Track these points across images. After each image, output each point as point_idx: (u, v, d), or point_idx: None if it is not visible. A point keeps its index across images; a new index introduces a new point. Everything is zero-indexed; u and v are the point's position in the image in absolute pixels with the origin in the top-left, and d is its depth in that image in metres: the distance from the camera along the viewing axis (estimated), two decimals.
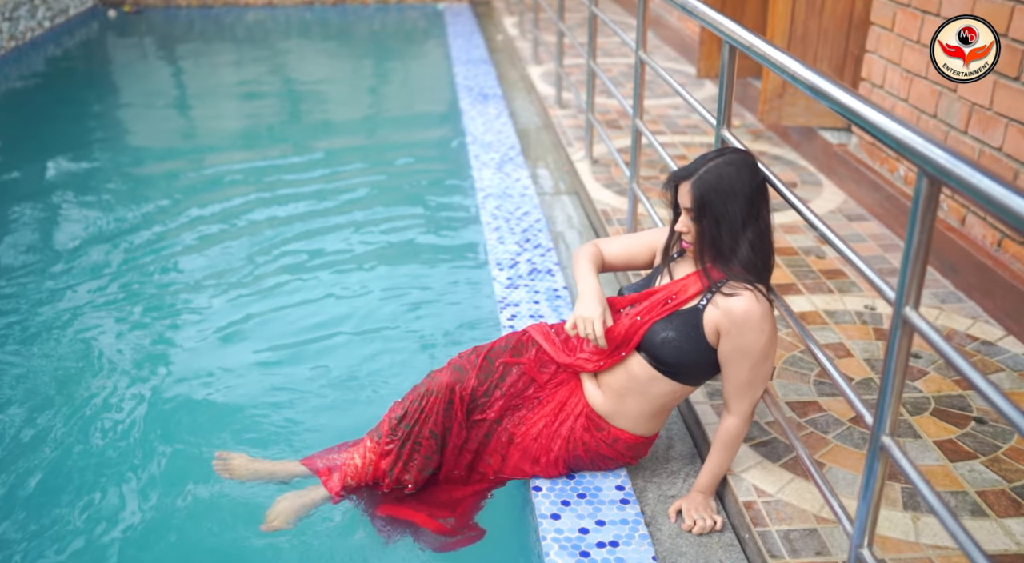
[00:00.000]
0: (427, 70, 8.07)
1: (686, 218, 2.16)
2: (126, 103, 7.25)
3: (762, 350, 2.16)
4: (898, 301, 1.56)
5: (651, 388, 2.26)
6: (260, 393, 3.08)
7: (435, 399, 2.29)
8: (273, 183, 5.19)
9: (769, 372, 2.23)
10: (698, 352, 2.18)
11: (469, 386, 2.31)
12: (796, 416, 2.63)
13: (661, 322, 2.21)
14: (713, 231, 2.12)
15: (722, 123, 2.50)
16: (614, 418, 2.33)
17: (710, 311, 2.15)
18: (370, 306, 3.68)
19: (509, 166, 4.82)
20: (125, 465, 2.73)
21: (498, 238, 3.93)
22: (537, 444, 2.35)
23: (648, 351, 2.23)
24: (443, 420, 2.30)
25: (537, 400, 2.36)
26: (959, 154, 1.39)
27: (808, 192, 4.25)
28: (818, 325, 3.10)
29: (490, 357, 2.37)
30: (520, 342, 2.42)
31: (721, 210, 2.10)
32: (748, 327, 2.12)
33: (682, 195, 2.16)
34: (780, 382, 2.79)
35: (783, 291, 3.32)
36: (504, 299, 3.39)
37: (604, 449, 2.35)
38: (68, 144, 5.96)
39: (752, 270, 2.16)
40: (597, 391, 2.34)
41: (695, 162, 2.18)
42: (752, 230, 2.16)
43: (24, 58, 7.94)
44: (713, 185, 2.10)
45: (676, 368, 2.21)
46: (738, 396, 2.21)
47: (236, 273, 4.02)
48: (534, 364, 2.37)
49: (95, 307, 3.72)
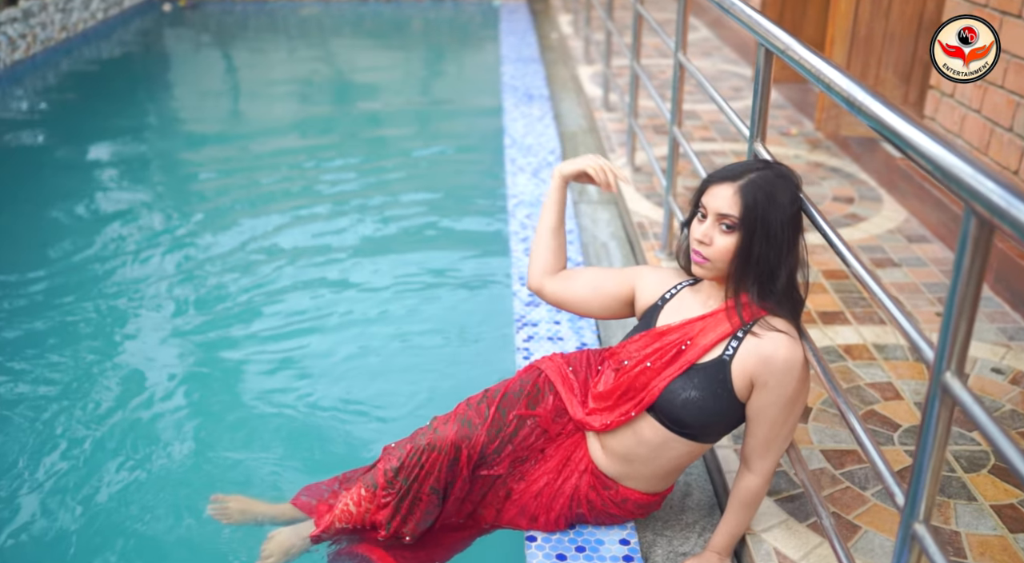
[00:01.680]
0: (475, 68, 7.88)
1: (715, 226, 1.84)
2: (178, 97, 7.24)
3: (796, 400, 1.88)
4: (937, 364, 1.28)
5: (664, 452, 1.99)
6: (258, 419, 2.90)
7: (438, 456, 1.98)
8: (308, 183, 5.07)
9: (796, 424, 1.94)
10: (726, 411, 1.91)
11: (479, 444, 2.01)
12: (832, 467, 2.33)
13: (680, 380, 1.91)
14: (761, 249, 1.81)
15: (755, 136, 2.22)
16: (622, 479, 2.08)
17: (741, 360, 1.86)
18: (375, 319, 3.49)
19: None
20: (113, 496, 2.57)
21: (525, 250, 3.68)
22: (537, 502, 2.09)
23: (665, 413, 1.94)
24: (446, 476, 2.01)
25: (541, 453, 2.10)
26: (1018, 190, 1.11)
27: (866, 209, 3.91)
28: (865, 361, 2.78)
29: (503, 407, 2.06)
30: (536, 386, 2.11)
31: (774, 224, 1.81)
32: (789, 377, 1.83)
33: (717, 198, 1.84)
34: (816, 426, 2.49)
35: (828, 320, 3.01)
36: (522, 318, 3.15)
37: (612, 508, 2.10)
38: (117, 136, 5.93)
39: (790, 304, 1.88)
40: (602, 453, 2.08)
41: (735, 166, 1.89)
42: (793, 257, 1.88)
43: (75, 50, 7.97)
44: (768, 194, 1.81)
45: (698, 430, 1.94)
46: (762, 453, 1.93)
47: (235, 270, 3.89)
48: (549, 415, 2.08)
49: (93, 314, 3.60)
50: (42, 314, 3.57)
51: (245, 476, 2.60)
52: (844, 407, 1.72)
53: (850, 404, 1.73)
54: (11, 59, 6.92)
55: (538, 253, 2.19)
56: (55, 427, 2.83)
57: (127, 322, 3.53)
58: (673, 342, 1.94)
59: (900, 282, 3.26)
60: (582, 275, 2.18)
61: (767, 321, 1.87)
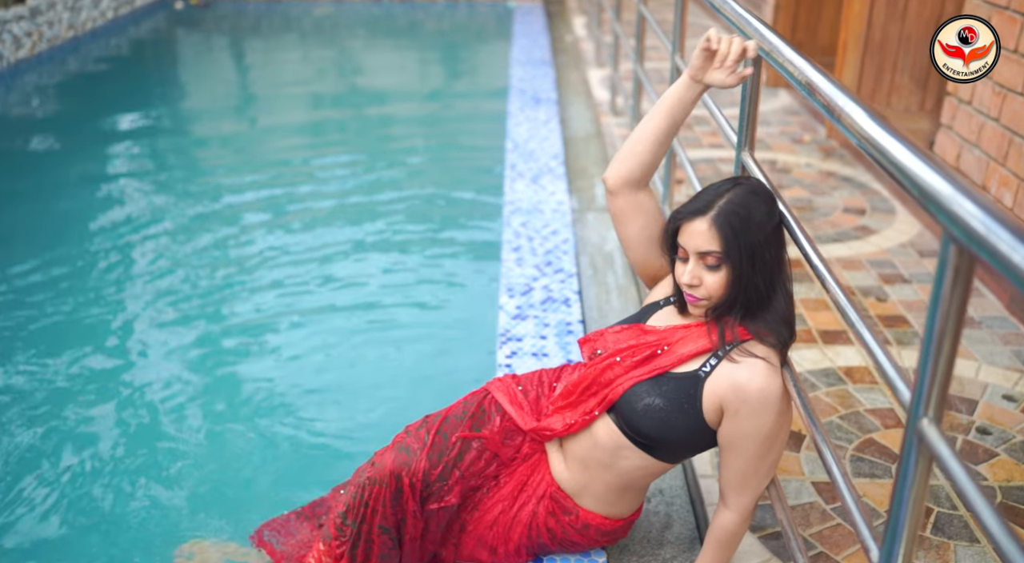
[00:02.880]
0: (484, 71, 7.77)
1: (698, 266, 1.69)
2: (188, 96, 7.19)
3: (775, 434, 1.72)
4: (913, 409, 1.12)
5: (617, 461, 1.83)
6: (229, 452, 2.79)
7: (379, 490, 1.81)
8: (306, 182, 4.97)
9: (778, 459, 1.78)
10: (688, 428, 1.75)
11: (419, 470, 1.83)
12: (823, 501, 2.17)
13: (647, 384, 1.76)
14: (749, 276, 1.67)
15: (743, 144, 2.05)
16: (581, 496, 1.92)
17: (715, 381, 1.71)
18: (353, 330, 3.38)
19: (547, 178, 4.42)
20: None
21: (516, 260, 3.54)
22: (493, 532, 1.94)
23: (623, 416, 1.79)
24: (392, 512, 1.83)
25: (495, 481, 1.95)
26: (1003, 215, 0.95)
27: (878, 221, 3.73)
28: (866, 384, 2.61)
29: (443, 431, 1.89)
30: (481, 408, 1.95)
31: (757, 249, 1.66)
32: (764, 409, 1.68)
33: (693, 236, 1.68)
34: (808, 456, 2.32)
35: (829, 339, 2.84)
36: (506, 332, 3.00)
37: (573, 535, 1.95)
38: (119, 136, 5.87)
39: (785, 327, 1.72)
40: (564, 467, 1.93)
41: (702, 196, 1.73)
42: (783, 275, 1.73)
43: (83, 48, 7.91)
44: (743, 218, 1.65)
45: (654, 442, 1.78)
46: (738, 488, 1.77)
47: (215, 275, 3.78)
48: (498, 437, 1.92)
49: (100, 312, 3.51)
50: (36, 308, 3.50)
51: (211, 499, 2.49)
52: (823, 446, 1.56)
53: (829, 443, 1.56)
54: (15, 57, 6.88)
55: (633, 155, 1.86)
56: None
57: (128, 320, 3.48)
58: (650, 343, 1.80)
59: (909, 300, 3.08)
60: (653, 212, 1.91)
61: (746, 347, 1.71)
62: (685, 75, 1.83)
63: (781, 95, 5.56)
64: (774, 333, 1.71)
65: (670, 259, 1.80)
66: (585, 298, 3.27)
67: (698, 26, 6.87)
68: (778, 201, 1.75)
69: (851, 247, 3.49)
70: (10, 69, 6.79)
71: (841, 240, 3.54)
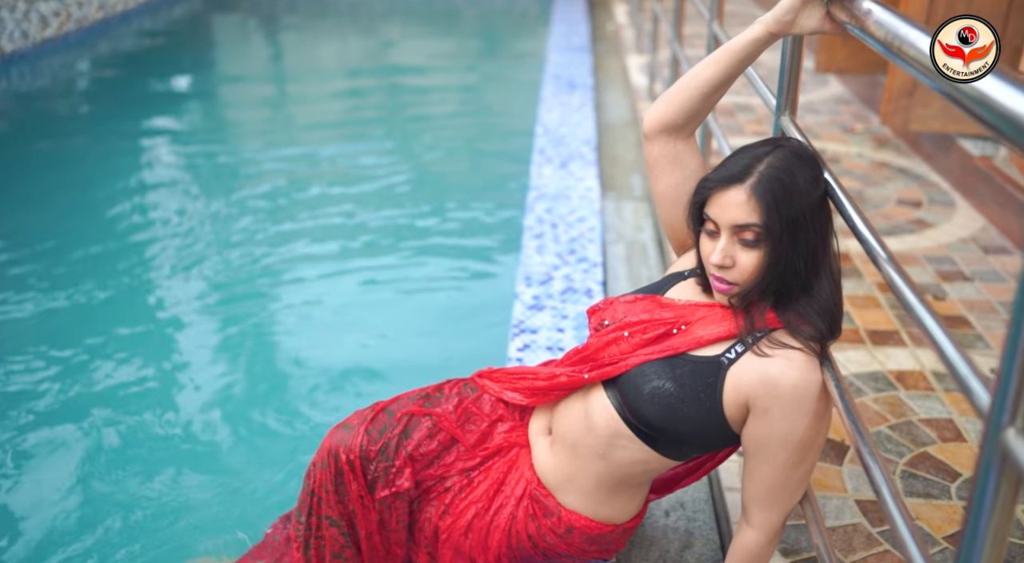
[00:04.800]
0: (519, 57, 7.53)
1: (732, 243, 1.41)
2: (222, 81, 7.04)
3: (810, 441, 1.44)
4: (994, 418, 0.85)
5: (612, 450, 1.56)
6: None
7: (321, 473, 1.64)
8: (326, 167, 4.79)
9: (811, 470, 1.51)
10: (702, 421, 1.47)
11: (356, 445, 1.63)
12: (868, 523, 1.89)
13: (658, 364, 1.49)
14: (789, 256, 1.39)
15: (783, 107, 1.77)
16: (565, 491, 1.64)
17: (741, 371, 1.43)
18: (368, 314, 3.17)
19: (576, 164, 4.16)
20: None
21: (537, 247, 3.28)
22: (470, 540, 1.68)
23: (625, 399, 1.52)
24: (337, 499, 1.65)
25: (467, 479, 1.70)
26: None
27: (936, 214, 3.40)
28: (920, 391, 2.31)
29: (390, 409, 1.69)
30: (440, 390, 1.75)
31: (800, 223, 1.38)
32: (798, 409, 1.40)
33: (727, 208, 1.40)
34: (852, 470, 2.03)
35: (879, 340, 2.54)
36: (520, 323, 2.75)
37: (555, 542, 1.66)
38: (153, 119, 5.72)
39: (826, 318, 1.44)
40: (549, 453, 1.66)
41: (736, 160, 1.44)
42: (828, 256, 1.44)
43: (112, 30, 7.79)
44: (786, 185, 1.37)
45: (658, 433, 1.50)
46: (764, 503, 1.50)
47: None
48: (454, 418, 1.69)
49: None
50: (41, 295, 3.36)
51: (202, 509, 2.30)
52: (869, 460, 1.28)
53: (877, 456, 1.28)
54: (41, 36, 6.77)
55: (678, 100, 1.58)
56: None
57: (160, 299, 3.38)
58: (665, 320, 1.52)
59: (971, 299, 2.77)
60: (692, 168, 1.62)
61: (778, 337, 1.44)
62: (762, 24, 1.51)
63: (832, 83, 5.23)
64: (812, 325, 1.43)
65: (695, 234, 1.53)
66: (611, 291, 3.00)
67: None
68: (824, 168, 1.47)
69: (905, 241, 3.18)
70: (35, 48, 6.68)
71: (894, 234, 3.23)
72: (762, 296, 1.45)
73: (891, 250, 1.26)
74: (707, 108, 1.62)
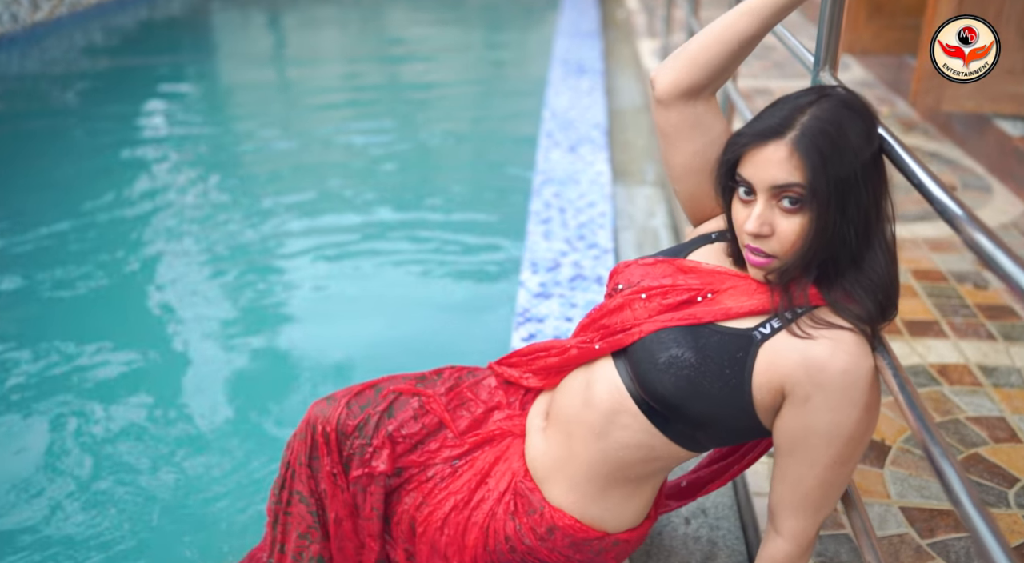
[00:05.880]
0: (527, 43, 7.33)
1: (770, 208, 1.20)
2: (221, 68, 6.84)
3: (858, 436, 1.22)
4: None
5: (612, 429, 1.34)
6: None
7: (298, 445, 1.52)
8: (329, 149, 4.61)
9: (853, 472, 1.29)
10: (723, 401, 1.25)
11: (334, 417, 1.50)
12: (916, 534, 1.67)
13: (678, 331, 1.27)
14: (837, 223, 1.17)
15: (823, 62, 1.55)
16: (552, 481, 1.42)
17: (776, 350, 1.21)
18: (347, 308, 3.02)
19: (586, 148, 3.95)
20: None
21: (544, 233, 3.07)
22: (446, 536, 1.47)
23: (636, 369, 1.31)
24: (309, 474, 1.52)
25: (451, 468, 1.50)
26: None
27: (972, 200, 3.18)
28: (967, 387, 2.09)
29: (379, 386, 1.56)
30: (439, 374, 1.60)
31: (851, 184, 1.17)
32: (847, 399, 1.18)
33: (766, 166, 1.19)
34: (895, 473, 1.82)
35: (917, 331, 2.32)
36: (526, 312, 2.54)
37: (535, 544, 1.43)
38: (149, 104, 5.55)
39: (879, 297, 1.22)
40: (541, 436, 1.46)
41: (774, 111, 1.22)
42: (885, 223, 1.22)
43: (108, 15, 7.58)
44: (834, 140, 1.15)
45: (671, 411, 1.29)
46: (796, 507, 1.28)
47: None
48: (444, 400, 1.53)
49: None
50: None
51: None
52: (942, 462, 1.07)
53: (951, 458, 1.07)
54: (31, 19, 6.57)
55: (699, 58, 1.37)
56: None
57: (158, 283, 3.24)
58: (689, 287, 1.31)
59: None
60: (716, 132, 1.40)
61: (822, 315, 1.22)
62: None
63: (853, 68, 5.01)
64: (860, 303, 1.21)
65: (725, 201, 1.31)
66: None
67: None
68: (878, 121, 1.25)
69: (939, 227, 2.96)
70: (25, 32, 6.48)
71: (927, 219, 3.01)
72: (805, 271, 1.23)
73: (920, 240, 1.04)
74: (735, 65, 1.41)
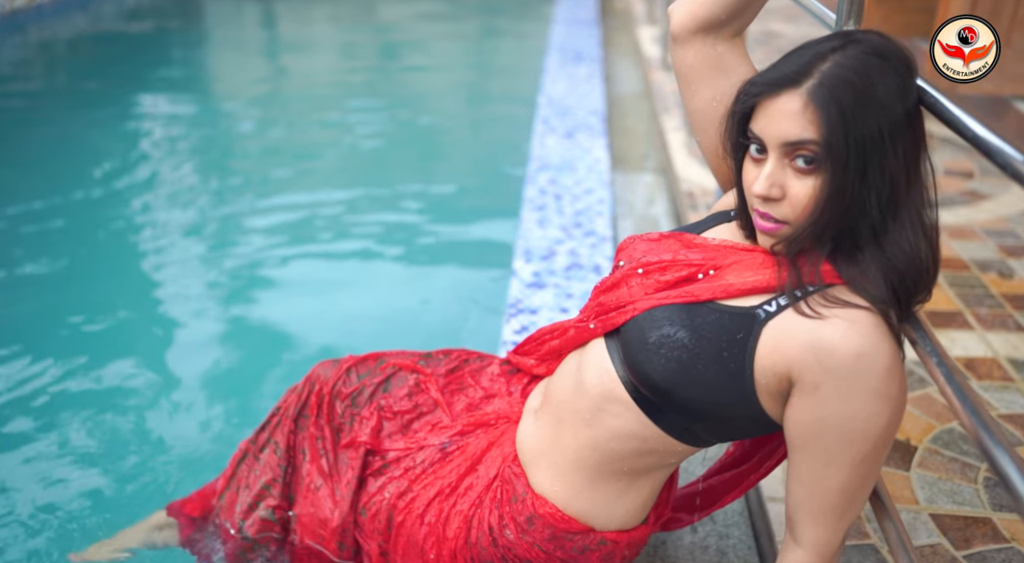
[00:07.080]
0: (524, 30, 7.17)
1: (781, 167, 1.04)
2: (211, 61, 6.66)
3: (878, 431, 1.04)
4: None
5: (600, 417, 1.19)
6: None
7: (295, 397, 1.50)
8: (322, 137, 4.46)
9: (878, 472, 1.11)
10: (719, 386, 1.08)
11: (331, 380, 1.48)
12: (950, 544, 1.51)
13: (672, 309, 1.12)
14: (856, 187, 1.00)
15: (848, 15, 1.38)
16: (538, 465, 1.27)
17: (782, 328, 1.05)
18: (358, 287, 2.91)
19: (583, 134, 3.78)
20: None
21: (538, 220, 2.91)
22: (426, 528, 1.32)
23: (626, 350, 1.16)
24: (291, 428, 1.47)
25: (442, 453, 1.36)
26: None
27: (991, 185, 3.02)
28: (996, 382, 1.93)
29: (383, 358, 1.52)
30: (446, 354, 1.53)
31: (878, 144, 1.00)
32: (860, 386, 1.01)
33: (775, 121, 1.03)
34: (923, 476, 1.65)
35: (941, 322, 2.16)
36: (518, 303, 2.38)
37: (515, 538, 1.27)
38: (136, 94, 5.36)
39: (890, 278, 1.05)
40: (533, 419, 1.32)
41: (793, 58, 1.05)
42: (917, 191, 1.05)
43: (92, 4, 7.38)
44: (859, 91, 0.99)
45: (662, 397, 1.13)
46: (819, 514, 1.11)
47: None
48: (441, 381, 1.46)
49: None
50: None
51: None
52: (1002, 460, 0.90)
53: (1013, 454, 0.90)
54: (10, 6, 6.37)
55: None
56: None
57: (146, 283, 3.07)
58: (691, 262, 1.16)
59: None
60: (739, 75, 1.21)
61: (835, 293, 1.05)
62: None
63: None
64: (874, 282, 1.04)
65: (735, 160, 1.14)
66: None
67: None
68: (915, 73, 1.08)
69: (958, 214, 2.80)
70: (3, 20, 6.29)
71: (946, 206, 2.85)
72: (818, 242, 1.06)
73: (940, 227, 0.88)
74: (758, 5, 1.24)
